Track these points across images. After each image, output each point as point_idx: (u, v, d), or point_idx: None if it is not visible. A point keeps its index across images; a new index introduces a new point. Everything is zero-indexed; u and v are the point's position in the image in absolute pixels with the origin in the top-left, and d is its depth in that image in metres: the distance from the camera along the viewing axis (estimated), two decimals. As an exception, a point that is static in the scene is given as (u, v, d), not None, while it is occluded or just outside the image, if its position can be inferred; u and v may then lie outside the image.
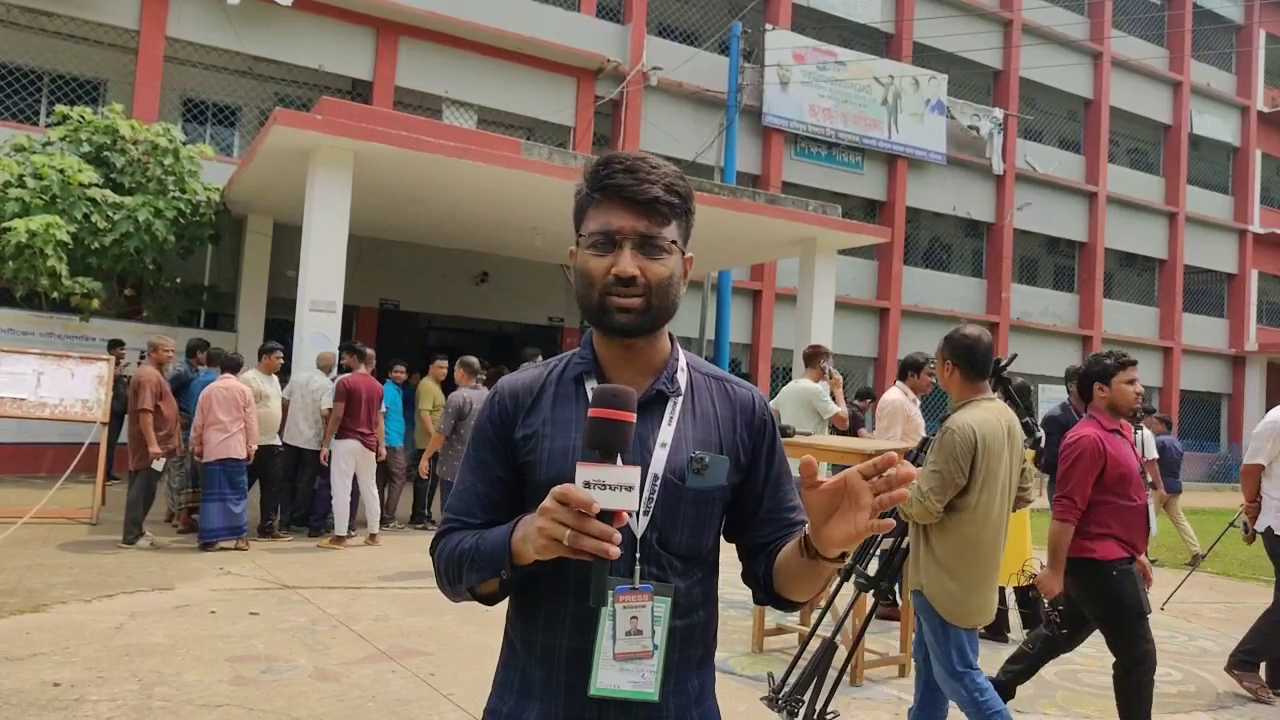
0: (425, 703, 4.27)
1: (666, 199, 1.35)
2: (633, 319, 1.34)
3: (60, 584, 6.09)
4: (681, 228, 1.40)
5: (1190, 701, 4.98)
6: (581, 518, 1.14)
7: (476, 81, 16.24)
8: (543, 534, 1.16)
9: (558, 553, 1.16)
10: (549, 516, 1.16)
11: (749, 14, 18.43)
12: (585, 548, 1.14)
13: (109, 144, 11.52)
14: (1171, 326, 24.68)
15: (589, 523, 1.14)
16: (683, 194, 1.38)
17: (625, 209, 1.34)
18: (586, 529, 1.14)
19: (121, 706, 3.97)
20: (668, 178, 1.36)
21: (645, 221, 1.34)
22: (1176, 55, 25.06)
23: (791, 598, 1.41)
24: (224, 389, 7.75)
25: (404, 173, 10.14)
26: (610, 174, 1.35)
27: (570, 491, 1.15)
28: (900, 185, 20.45)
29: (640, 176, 1.34)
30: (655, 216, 1.34)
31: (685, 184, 1.39)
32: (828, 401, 6.91)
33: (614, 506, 1.15)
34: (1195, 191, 25.39)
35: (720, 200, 11.72)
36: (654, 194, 1.33)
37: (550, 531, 1.15)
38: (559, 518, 1.15)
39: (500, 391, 1.46)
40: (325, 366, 8.87)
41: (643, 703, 1.32)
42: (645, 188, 1.33)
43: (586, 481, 1.16)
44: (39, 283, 10.36)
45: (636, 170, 1.34)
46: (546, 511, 1.16)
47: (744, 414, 1.45)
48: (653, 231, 1.34)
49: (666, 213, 1.36)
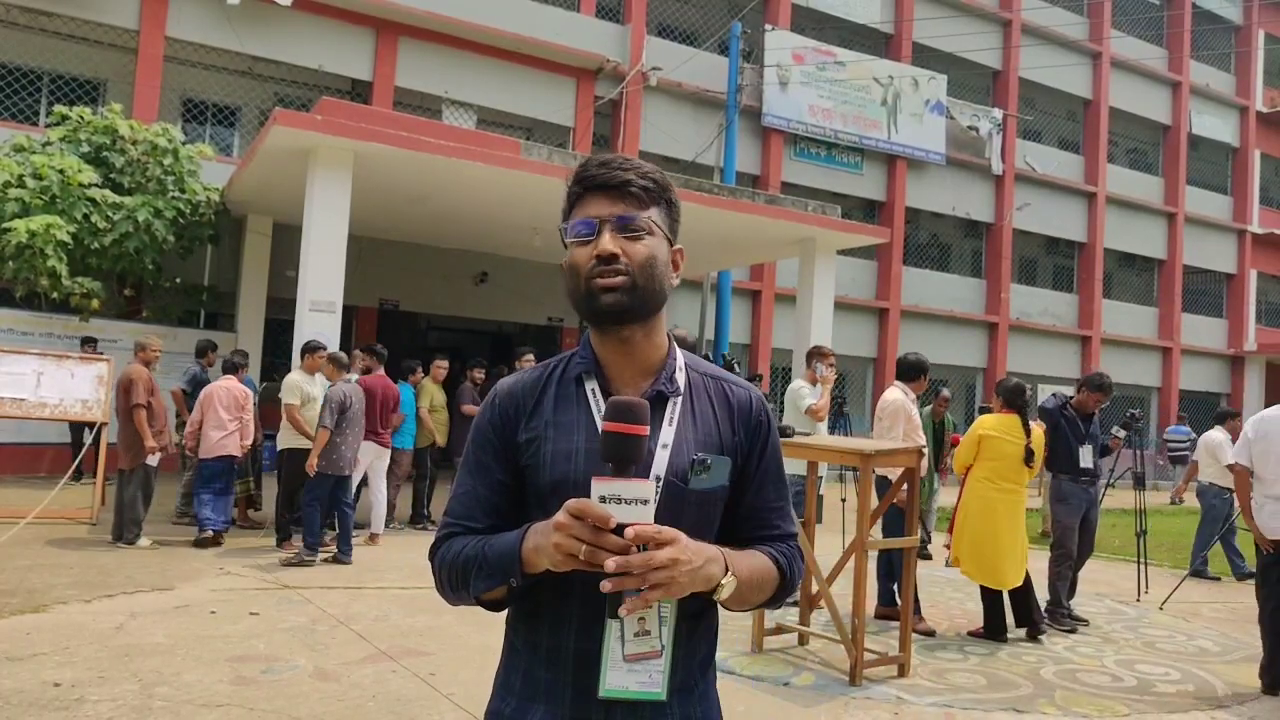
0: (425, 702, 4.28)
1: (640, 182, 1.38)
2: (618, 298, 1.34)
3: (60, 584, 6.09)
4: (663, 214, 1.41)
5: (1189, 701, 4.98)
6: (598, 533, 1.15)
7: (476, 82, 16.24)
8: (559, 549, 1.17)
9: (573, 566, 1.18)
10: (566, 532, 1.17)
11: (748, 14, 18.43)
12: (602, 562, 1.15)
13: (108, 144, 11.52)
14: (1170, 327, 24.68)
15: (606, 538, 1.15)
16: (658, 180, 1.41)
17: (601, 196, 1.38)
18: (603, 544, 1.15)
19: (122, 706, 3.97)
20: (641, 168, 1.41)
21: (621, 205, 1.37)
22: (1176, 55, 25.07)
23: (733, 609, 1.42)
24: (225, 388, 8.04)
25: (404, 173, 10.15)
26: (586, 170, 1.41)
27: (587, 507, 1.16)
28: (900, 185, 20.46)
29: (612, 166, 1.39)
30: (630, 200, 1.38)
31: (662, 175, 1.43)
32: (805, 398, 6.91)
33: (629, 520, 1.16)
34: (1194, 192, 25.40)
35: (720, 200, 11.72)
36: (626, 178, 1.38)
37: (567, 547, 1.16)
38: (575, 533, 1.16)
39: (500, 394, 1.46)
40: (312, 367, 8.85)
41: (649, 703, 1.32)
42: (617, 174, 1.38)
43: (602, 496, 1.17)
44: (39, 283, 10.35)
45: (610, 162, 1.40)
46: (563, 527, 1.17)
47: (742, 413, 1.46)
48: (630, 213, 1.37)
49: (642, 197, 1.38)
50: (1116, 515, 11.39)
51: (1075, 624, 6.53)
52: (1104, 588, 8.20)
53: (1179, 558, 9.80)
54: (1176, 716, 4.72)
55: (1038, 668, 5.45)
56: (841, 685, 4.91)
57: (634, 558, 1.16)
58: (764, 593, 1.41)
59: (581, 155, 11.92)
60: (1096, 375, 6.77)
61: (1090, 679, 5.28)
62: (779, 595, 1.44)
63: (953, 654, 5.67)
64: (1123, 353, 23.56)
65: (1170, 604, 7.45)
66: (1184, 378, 24.80)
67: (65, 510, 8.53)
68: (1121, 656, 5.85)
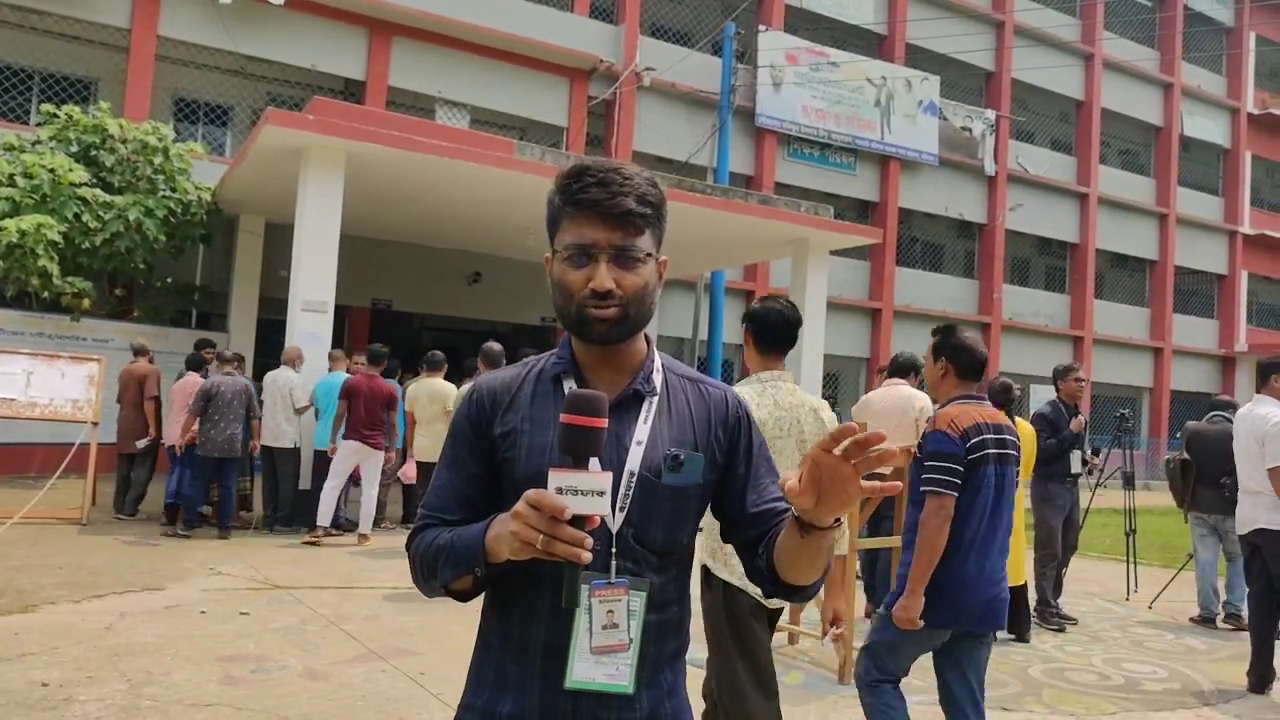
0: (415, 702, 4.28)
1: (639, 210, 1.36)
2: (610, 329, 1.37)
3: (50, 584, 6.07)
4: (655, 235, 1.42)
5: (1176, 699, 5.01)
6: (554, 523, 1.16)
7: (469, 81, 16.23)
8: (516, 538, 1.18)
9: (531, 554, 1.19)
10: (522, 521, 1.18)
11: (742, 15, 18.46)
12: (558, 552, 1.16)
13: (98, 143, 11.48)
14: (1162, 327, 24.79)
15: (561, 528, 1.16)
16: (655, 203, 1.39)
17: (599, 222, 1.36)
18: (559, 534, 1.16)
19: (110, 706, 3.97)
20: (640, 189, 1.37)
21: (619, 234, 1.36)
22: (1167, 57, 25.18)
23: (799, 581, 1.39)
24: (184, 385, 8.71)
25: (397, 173, 10.14)
26: (583, 187, 1.36)
27: (543, 497, 1.17)
28: (893, 186, 20.51)
29: (613, 190, 1.35)
30: (629, 228, 1.36)
31: (658, 192, 1.41)
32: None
33: (585, 511, 1.18)
34: (1186, 193, 25.51)
35: (713, 201, 11.74)
36: (627, 207, 1.35)
37: (523, 535, 1.17)
38: (532, 522, 1.17)
39: (479, 390, 1.48)
40: (290, 360, 8.87)
41: (617, 695, 1.34)
42: (619, 201, 1.35)
43: (559, 487, 1.18)
44: (30, 283, 10.32)
45: (609, 183, 1.36)
46: (519, 516, 1.18)
47: (718, 413, 1.48)
48: (627, 243, 1.36)
49: (640, 224, 1.37)
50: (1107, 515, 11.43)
51: (1064, 622, 6.56)
52: (1093, 587, 8.23)
53: (1168, 557, 9.84)
54: (1163, 714, 4.74)
55: (1026, 666, 5.48)
56: (830, 684, 4.93)
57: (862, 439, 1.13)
58: (828, 556, 1.38)
59: (575, 156, 11.94)
60: (1062, 365, 7.10)
61: (1078, 677, 5.31)
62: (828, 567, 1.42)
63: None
64: (1114, 353, 23.66)
65: (1159, 603, 7.49)
66: (1175, 378, 24.90)
67: (54, 510, 8.51)
68: (1110, 655, 5.88)
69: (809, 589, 1.42)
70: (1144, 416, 24.26)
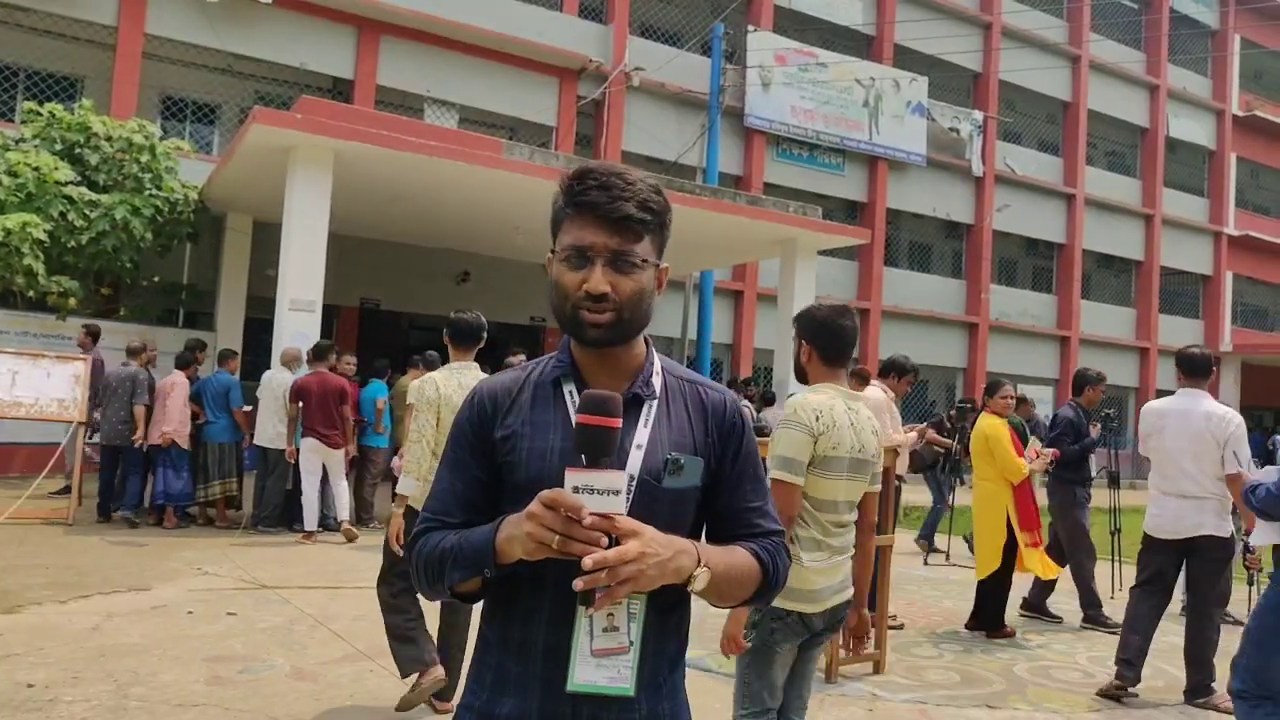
0: (402, 701, 4.28)
1: (639, 216, 1.36)
2: (603, 333, 1.38)
3: (35, 585, 6.04)
4: (656, 241, 1.41)
5: (1158, 695, 5.06)
6: (570, 523, 1.18)
7: (458, 81, 16.21)
8: (532, 538, 1.20)
9: (545, 554, 1.20)
10: (538, 521, 1.19)
11: (731, 15, 18.49)
12: (575, 551, 1.18)
13: (81, 141, 11.40)
14: (1148, 327, 24.97)
15: (578, 528, 1.18)
16: (657, 209, 1.39)
17: (598, 225, 1.36)
18: (575, 534, 1.17)
19: (96, 707, 3.95)
20: (642, 194, 1.37)
21: (617, 238, 1.36)
22: (1153, 59, 25.36)
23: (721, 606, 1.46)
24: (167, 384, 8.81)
25: (385, 172, 10.12)
26: (585, 190, 1.37)
27: (560, 496, 1.18)
28: (881, 186, 20.58)
29: (614, 194, 1.35)
30: (627, 233, 1.36)
31: (661, 198, 1.40)
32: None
33: (602, 510, 1.19)
34: (1171, 194, 25.70)
35: (702, 201, 11.76)
36: (626, 211, 1.35)
37: (539, 536, 1.19)
38: (548, 523, 1.18)
39: (479, 393, 1.48)
40: (289, 362, 8.84)
41: (617, 698, 1.34)
42: (618, 205, 1.35)
43: (575, 486, 1.19)
44: (15, 282, 10.25)
45: (610, 187, 1.36)
46: (534, 516, 1.19)
47: (716, 416, 1.48)
48: (625, 248, 1.36)
49: (639, 229, 1.37)
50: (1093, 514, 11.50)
51: (1051, 620, 6.63)
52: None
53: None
54: (1146, 711, 4.79)
55: (1011, 664, 5.52)
56: (817, 682, 4.95)
57: (609, 553, 1.18)
58: (746, 588, 1.42)
59: (564, 156, 11.94)
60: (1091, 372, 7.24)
61: (1063, 675, 5.35)
62: (764, 591, 1.45)
63: (928, 651, 5.73)
64: (1101, 353, 23.79)
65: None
66: (1161, 378, 25.06)
67: (40, 511, 8.46)
68: (1094, 653, 5.93)
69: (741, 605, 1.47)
70: (1129, 416, 24.42)
